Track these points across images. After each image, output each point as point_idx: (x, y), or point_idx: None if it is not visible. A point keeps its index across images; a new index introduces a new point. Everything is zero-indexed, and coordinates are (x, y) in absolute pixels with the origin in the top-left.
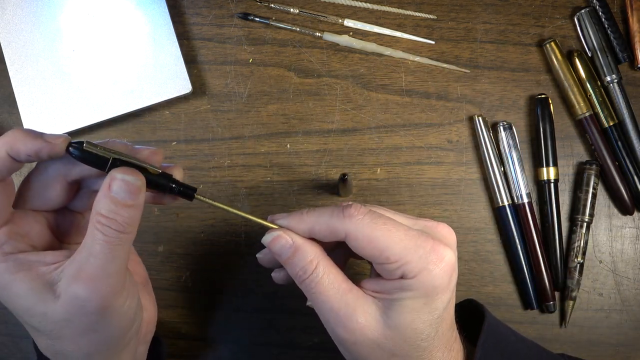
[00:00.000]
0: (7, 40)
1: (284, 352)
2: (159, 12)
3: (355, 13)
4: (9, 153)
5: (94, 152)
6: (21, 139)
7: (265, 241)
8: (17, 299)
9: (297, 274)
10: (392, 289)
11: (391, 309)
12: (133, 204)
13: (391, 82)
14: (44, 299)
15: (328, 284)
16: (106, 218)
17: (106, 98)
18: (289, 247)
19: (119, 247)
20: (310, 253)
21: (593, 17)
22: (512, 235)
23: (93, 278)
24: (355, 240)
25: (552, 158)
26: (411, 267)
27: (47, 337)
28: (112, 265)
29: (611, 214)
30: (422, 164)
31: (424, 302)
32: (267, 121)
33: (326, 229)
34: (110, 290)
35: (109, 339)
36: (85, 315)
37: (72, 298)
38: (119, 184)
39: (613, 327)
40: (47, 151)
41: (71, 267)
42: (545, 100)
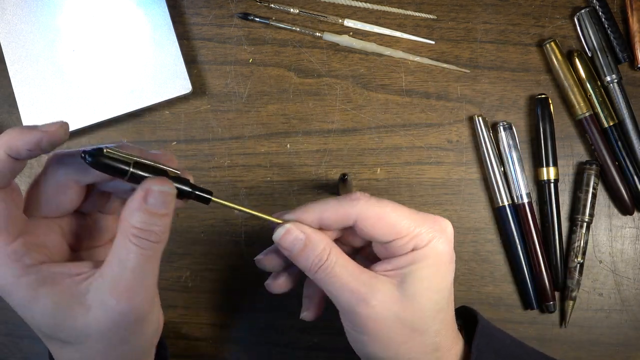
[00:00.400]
0: (7, 40)
1: (284, 352)
2: (159, 12)
3: (355, 13)
4: (8, 153)
5: (115, 157)
6: (17, 136)
7: (276, 237)
8: (42, 315)
9: (311, 264)
10: (405, 263)
11: (406, 281)
12: (167, 212)
13: (391, 82)
14: (73, 313)
15: (343, 269)
16: (142, 230)
17: (106, 98)
18: (301, 238)
19: (153, 258)
20: (322, 241)
21: (593, 17)
22: (512, 235)
23: (130, 291)
24: (366, 219)
25: (552, 158)
26: (422, 238)
27: (75, 350)
28: (149, 278)
29: (611, 214)
30: (422, 164)
31: (435, 270)
32: (267, 121)
33: (335, 215)
34: (146, 303)
35: (138, 350)
36: (120, 328)
37: (108, 312)
38: (156, 196)
39: (613, 327)
40: (47, 140)
41: (104, 280)
42: (545, 100)
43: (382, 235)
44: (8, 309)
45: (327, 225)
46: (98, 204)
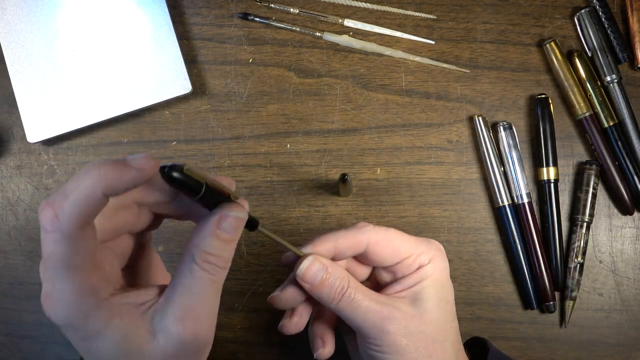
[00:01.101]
0: (7, 40)
1: (284, 352)
2: (159, 12)
3: (355, 13)
4: (104, 193)
5: (192, 175)
6: (116, 175)
7: (301, 270)
8: (108, 348)
9: (334, 294)
10: (414, 282)
11: (418, 298)
12: (236, 238)
13: (391, 82)
14: (140, 342)
15: (363, 295)
16: (213, 256)
17: (106, 98)
18: (322, 269)
19: (219, 284)
20: (340, 271)
21: (593, 17)
22: (512, 235)
23: (196, 319)
24: (376, 244)
25: (552, 158)
26: (424, 256)
27: None
28: (216, 304)
29: (611, 214)
30: (422, 164)
31: (441, 283)
32: (267, 121)
33: (349, 241)
34: (210, 330)
35: None
36: (185, 355)
37: (173, 340)
38: (231, 222)
39: (613, 327)
40: (142, 180)
41: (171, 307)
42: (545, 100)
43: (391, 257)
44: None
45: (341, 252)
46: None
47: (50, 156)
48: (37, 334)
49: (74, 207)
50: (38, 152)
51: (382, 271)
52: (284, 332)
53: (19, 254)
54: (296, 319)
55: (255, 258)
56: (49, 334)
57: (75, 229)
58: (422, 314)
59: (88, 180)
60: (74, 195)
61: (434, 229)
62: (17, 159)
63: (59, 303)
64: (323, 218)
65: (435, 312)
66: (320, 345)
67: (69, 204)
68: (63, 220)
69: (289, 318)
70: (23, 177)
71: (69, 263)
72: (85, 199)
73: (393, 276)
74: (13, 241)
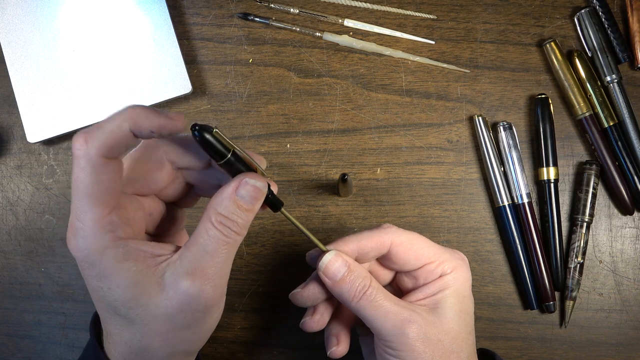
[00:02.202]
0: (7, 40)
1: (284, 352)
2: (159, 12)
3: (355, 13)
4: (132, 129)
5: (221, 139)
6: (143, 115)
7: (322, 263)
8: (119, 289)
9: (356, 291)
10: (435, 290)
11: (439, 306)
12: (253, 208)
13: (391, 82)
14: (149, 292)
15: (384, 296)
16: (227, 219)
17: (106, 98)
18: (345, 265)
19: (232, 248)
20: (363, 270)
21: (593, 17)
22: (512, 235)
23: (205, 275)
24: (400, 245)
25: (552, 158)
26: (447, 264)
27: (137, 331)
28: (226, 266)
29: (611, 214)
30: (422, 164)
31: (463, 294)
32: (267, 121)
33: (372, 242)
34: (219, 291)
35: (197, 339)
36: (189, 312)
37: (182, 294)
38: (248, 189)
39: (613, 327)
40: (169, 128)
41: (183, 262)
42: (545, 100)
43: (414, 260)
44: (8, 309)
45: (365, 253)
46: (178, 194)
47: (50, 156)
48: (37, 334)
49: (101, 136)
50: (38, 152)
51: (404, 277)
52: (306, 330)
53: (19, 254)
54: (317, 317)
55: (255, 258)
56: (49, 334)
57: (98, 156)
58: (441, 322)
59: (120, 116)
60: (104, 126)
61: (434, 229)
62: (17, 159)
63: (79, 233)
64: (323, 218)
65: (454, 322)
66: (334, 344)
67: (97, 133)
68: (90, 146)
69: (311, 316)
70: (23, 177)
71: (90, 191)
72: (112, 130)
73: (415, 282)
74: (13, 241)
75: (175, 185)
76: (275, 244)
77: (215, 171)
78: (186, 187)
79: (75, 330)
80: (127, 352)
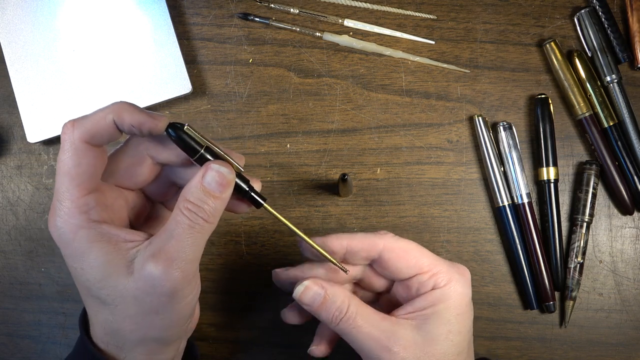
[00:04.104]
0: (7, 40)
1: (284, 352)
2: (159, 12)
3: (355, 13)
4: (115, 121)
5: (192, 136)
6: (127, 110)
7: (296, 293)
8: (90, 269)
9: (332, 317)
10: (426, 304)
11: (427, 323)
12: (220, 196)
13: (391, 82)
14: (118, 274)
15: (364, 319)
16: (194, 205)
17: (106, 98)
18: (320, 293)
19: (199, 235)
20: (341, 294)
21: (593, 17)
22: (512, 235)
23: (171, 259)
24: (391, 251)
25: (552, 158)
26: (442, 276)
27: (110, 312)
28: (190, 251)
29: (611, 214)
30: (422, 164)
31: (456, 312)
32: (267, 121)
33: (362, 243)
34: (183, 275)
35: (167, 326)
36: (155, 295)
37: (146, 276)
38: (213, 175)
39: (613, 327)
40: (148, 126)
41: (150, 246)
42: (545, 100)
43: (405, 269)
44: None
45: (354, 252)
46: (164, 193)
47: (50, 156)
48: (37, 334)
49: (86, 123)
50: (38, 152)
51: (399, 286)
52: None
53: (19, 254)
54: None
55: (255, 258)
56: (49, 334)
57: (80, 141)
58: (426, 343)
59: (107, 108)
60: (91, 116)
61: (434, 229)
62: (17, 159)
63: (57, 212)
64: (323, 218)
65: (441, 343)
66: (317, 343)
67: (83, 120)
68: (75, 132)
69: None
70: (23, 177)
71: (70, 172)
72: (97, 119)
73: (408, 293)
74: (13, 241)
75: (160, 183)
76: (275, 244)
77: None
78: (174, 188)
79: (75, 330)
80: (103, 333)
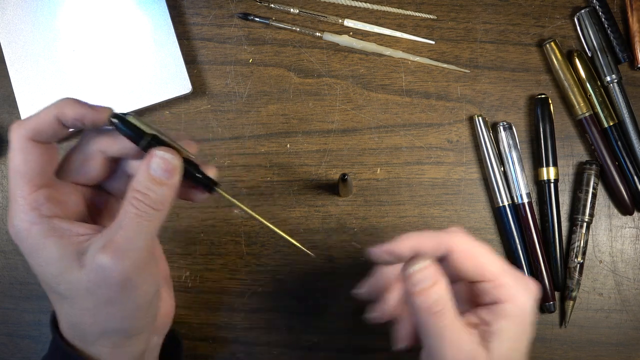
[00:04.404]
0: (7, 40)
1: (284, 352)
2: (159, 12)
3: (355, 13)
4: (57, 117)
5: (137, 125)
6: (69, 104)
7: (413, 268)
8: (45, 265)
9: (430, 306)
10: (491, 319)
11: (492, 340)
12: (167, 182)
13: (391, 82)
14: (72, 267)
15: (453, 318)
16: (140, 193)
17: (106, 98)
18: (432, 277)
19: (148, 222)
20: (445, 288)
21: (593, 17)
22: (512, 235)
23: (119, 249)
24: (458, 252)
25: (552, 158)
26: (506, 290)
27: (69, 306)
28: (139, 239)
29: (611, 214)
30: (422, 164)
31: (521, 329)
32: (267, 121)
33: (431, 242)
34: (134, 264)
35: (125, 317)
36: (107, 286)
37: (97, 267)
38: (158, 162)
39: (613, 327)
40: (90, 117)
41: (101, 238)
42: (545, 100)
43: (471, 272)
44: (8, 309)
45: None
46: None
47: None
48: (37, 334)
49: (31, 121)
50: None
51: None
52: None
53: (19, 254)
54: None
55: (255, 258)
56: (48, 334)
57: (26, 139)
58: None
59: (50, 106)
60: (36, 114)
61: (434, 229)
62: None
63: (12, 211)
64: (323, 218)
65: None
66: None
67: (29, 119)
68: (21, 130)
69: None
70: None
71: (18, 169)
72: (41, 117)
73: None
74: (13, 241)
75: (119, 177)
76: (275, 244)
77: None
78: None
79: None
80: (67, 327)
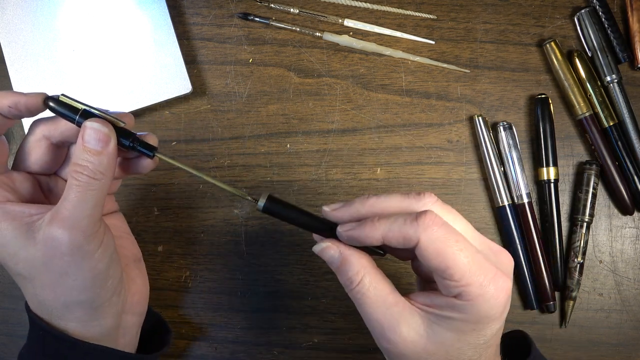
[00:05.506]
0: (7, 40)
1: (284, 352)
2: (159, 12)
3: (355, 13)
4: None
5: (69, 103)
6: (2, 95)
7: (315, 250)
8: (3, 247)
9: (344, 283)
10: (445, 305)
11: (438, 324)
12: (102, 151)
13: (391, 82)
14: (26, 245)
15: (374, 296)
16: (80, 166)
17: (106, 98)
18: (337, 257)
19: (90, 192)
20: (357, 265)
21: (593, 17)
22: (512, 235)
23: (65, 219)
24: (425, 250)
25: (552, 158)
26: (470, 290)
27: (32, 285)
28: (83, 209)
29: (611, 214)
30: (422, 164)
31: (473, 327)
32: (267, 121)
33: (399, 236)
34: (81, 232)
35: (83, 287)
36: (59, 257)
37: (47, 239)
38: (89, 132)
39: (613, 327)
40: (24, 102)
41: (49, 213)
42: (545, 100)
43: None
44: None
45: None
46: None
47: None
48: None
49: None
50: None
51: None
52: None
53: None
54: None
55: (255, 258)
56: None
57: None
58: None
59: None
60: None
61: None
62: None
63: None
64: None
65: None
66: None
67: None
68: None
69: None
70: None
71: None
72: None
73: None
74: None
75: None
76: (275, 244)
77: None
78: None
79: None
80: (35, 305)
